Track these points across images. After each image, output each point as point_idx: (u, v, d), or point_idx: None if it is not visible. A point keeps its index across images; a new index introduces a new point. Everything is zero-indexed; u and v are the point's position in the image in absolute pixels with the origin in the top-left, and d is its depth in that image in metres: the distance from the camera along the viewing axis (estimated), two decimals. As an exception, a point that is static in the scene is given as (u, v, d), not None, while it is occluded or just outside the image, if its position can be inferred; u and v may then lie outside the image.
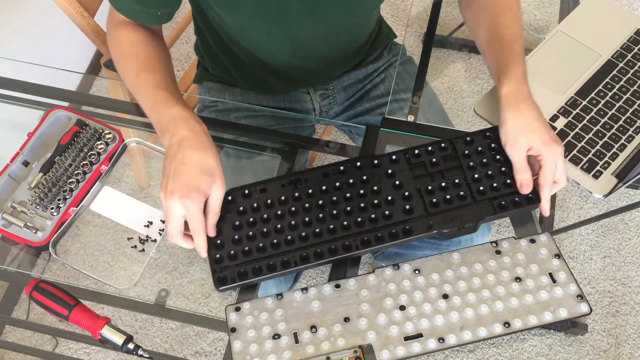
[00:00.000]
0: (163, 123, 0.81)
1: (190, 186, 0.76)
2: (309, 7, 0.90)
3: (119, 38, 0.91)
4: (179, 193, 0.76)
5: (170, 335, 1.53)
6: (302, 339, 0.76)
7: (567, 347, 1.48)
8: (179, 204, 0.76)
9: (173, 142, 0.79)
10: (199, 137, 0.80)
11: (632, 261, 1.60)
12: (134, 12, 0.88)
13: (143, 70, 0.87)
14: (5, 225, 0.91)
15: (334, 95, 1.16)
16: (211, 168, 0.79)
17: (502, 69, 0.87)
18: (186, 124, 0.80)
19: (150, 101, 0.84)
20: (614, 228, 1.65)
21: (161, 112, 0.82)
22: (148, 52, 0.90)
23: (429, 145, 0.87)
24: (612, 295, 1.56)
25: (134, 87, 0.88)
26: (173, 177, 0.77)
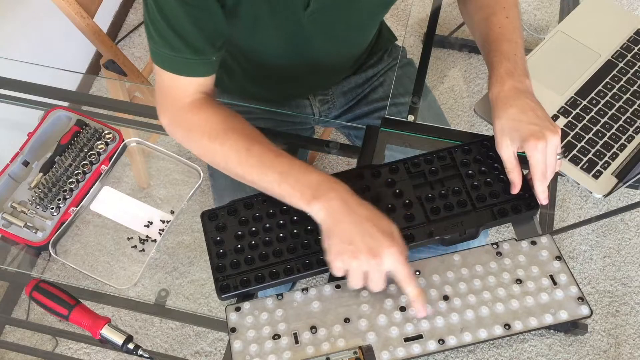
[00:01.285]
0: (308, 189, 0.76)
1: (389, 235, 0.73)
2: (318, 25, 0.90)
3: (204, 121, 0.84)
4: (385, 246, 0.72)
5: (170, 335, 1.53)
6: (302, 339, 0.76)
7: (567, 347, 1.48)
8: (388, 257, 0.72)
9: (335, 205, 0.74)
10: (356, 196, 0.77)
11: (632, 261, 1.60)
12: (191, 68, 0.82)
13: (253, 145, 0.81)
14: (5, 225, 0.91)
15: (334, 100, 1.16)
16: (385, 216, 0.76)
17: (489, 72, 0.88)
18: (339, 185, 0.77)
19: (277, 173, 0.78)
20: (614, 228, 1.65)
21: (300, 179, 0.77)
22: (244, 126, 0.85)
23: (427, 155, 0.88)
24: (612, 295, 1.56)
25: (247, 164, 0.81)
26: (363, 236, 0.72)
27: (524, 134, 0.80)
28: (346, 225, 0.73)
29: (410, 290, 0.74)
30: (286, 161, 0.79)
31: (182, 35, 0.79)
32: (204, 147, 0.84)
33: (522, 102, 0.82)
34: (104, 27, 1.87)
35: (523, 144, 0.80)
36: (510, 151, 0.82)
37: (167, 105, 0.86)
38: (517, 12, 0.92)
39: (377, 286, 0.74)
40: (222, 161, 0.83)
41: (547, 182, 0.82)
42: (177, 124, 0.86)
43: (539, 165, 0.80)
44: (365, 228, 0.73)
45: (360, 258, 0.72)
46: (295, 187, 0.77)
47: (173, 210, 0.94)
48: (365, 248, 0.72)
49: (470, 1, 0.97)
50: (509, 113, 0.82)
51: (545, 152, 0.80)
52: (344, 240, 0.73)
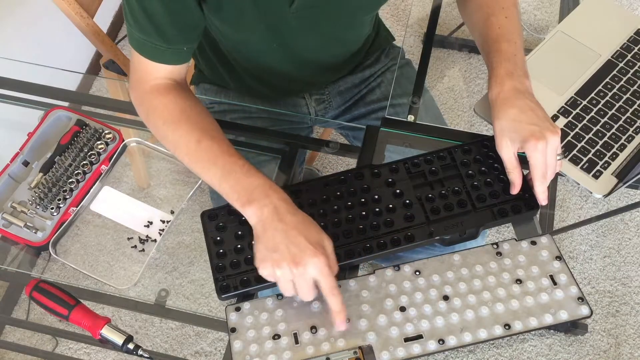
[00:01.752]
0: (244, 192, 0.76)
1: (315, 244, 0.72)
2: (307, 23, 0.90)
3: (163, 106, 0.85)
4: (308, 255, 0.71)
5: (170, 335, 1.53)
6: (302, 339, 0.76)
7: (567, 347, 1.48)
8: (311, 266, 0.71)
9: (266, 211, 0.74)
10: (290, 204, 0.76)
11: (632, 261, 1.60)
12: (160, 53, 0.83)
13: (204, 137, 0.82)
14: (5, 225, 0.91)
15: (330, 99, 1.16)
16: (317, 226, 0.76)
17: (489, 73, 0.87)
18: (274, 192, 0.76)
19: (220, 170, 0.79)
20: (614, 228, 1.65)
21: (240, 181, 0.77)
22: (202, 117, 0.85)
23: (427, 155, 0.88)
24: (612, 295, 1.56)
25: (195, 155, 0.82)
26: (287, 244, 0.72)
27: (524, 135, 0.80)
28: (273, 232, 0.73)
29: (332, 302, 0.73)
30: (231, 160, 0.79)
31: (154, 22, 0.80)
32: (159, 130, 0.86)
33: (522, 102, 0.82)
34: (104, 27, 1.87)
35: (523, 145, 0.80)
36: (510, 152, 0.82)
37: (135, 83, 0.88)
38: (517, 12, 0.92)
39: (305, 295, 0.73)
40: (172, 148, 0.85)
41: (546, 183, 0.82)
42: (141, 103, 0.88)
43: (539, 166, 0.80)
44: (291, 237, 0.72)
45: (282, 266, 0.72)
46: (234, 188, 0.77)
47: (173, 210, 0.94)
48: (289, 256, 0.71)
49: (470, 1, 0.97)
50: (509, 113, 0.82)
51: (546, 152, 0.80)
52: (269, 247, 0.73)
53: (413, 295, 0.79)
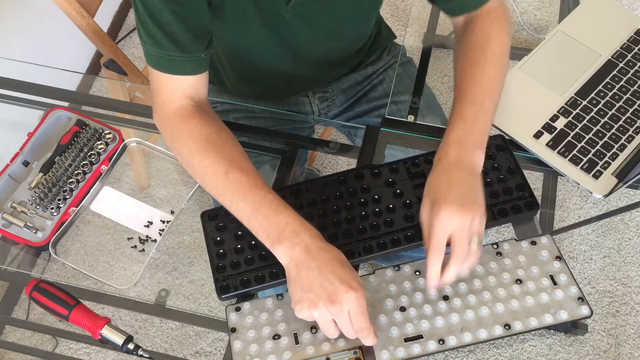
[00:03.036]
0: (274, 231, 0.74)
1: (348, 281, 0.70)
2: (304, 20, 0.90)
3: (188, 132, 0.82)
4: (343, 292, 0.69)
5: (170, 335, 1.53)
6: (302, 339, 0.76)
7: (567, 347, 1.48)
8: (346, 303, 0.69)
9: (297, 251, 0.72)
10: (321, 240, 0.74)
11: (632, 261, 1.60)
12: (177, 65, 0.81)
13: (232, 169, 0.78)
14: (5, 225, 0.91)
15: (333, 97, 1.16)
16: (347, 262, 0.74)
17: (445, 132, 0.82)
18: (305, 229, 0.74)
19: (249, 206, 0.76)
20: (614, 228, 1.65)
21: (269, 218, 0.75)
22: (229, 146, 0.82)
23: (428, 155, 0.88)
24: (612, 295, 1.56)
25: (222, 187, 0.79)
26: (322, 283, 0.70)
27: (436, 199, 0.74)
28: (306, 272, 0.71)
29: (366, 341, 0.73)
30: (260, 194, 0.76)
31: (169, 33, 0.79)
32: (184, 158, 0.83)
33: (455, 174, 0.76)
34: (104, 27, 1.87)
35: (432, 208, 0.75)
36: (427, 215, 0.75)
37: (157, 107, 0.86)
38: (498, 69, 0.85)
39: (348, 333, 0.72)
40: (199, 178, 0.82)
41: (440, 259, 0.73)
42: (164, 127, 0.86)
43: (435, 234, 0.73)
44: (325, 275, 0.71)
45: (319, 306, 0.70)
46: (262, 226, 0.75)
47: (173, 210, 0.94)
48: (324, 295, 0.70)
49: (458, 46, 0.91)
50: (437, 178, 0.77)
51: (450, 223, 0.72)
52: (304, 288, 0.71)
53: (413, 295, 0.79)
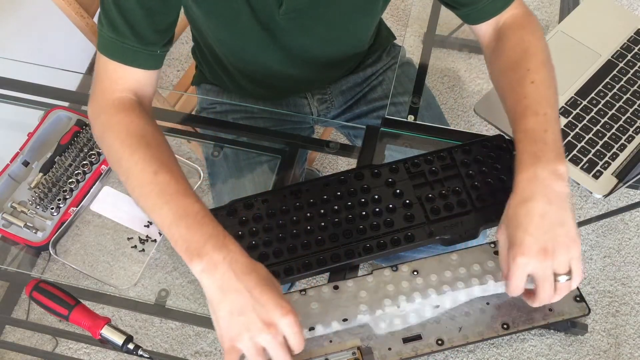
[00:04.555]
0: (196, 244, 0.67)
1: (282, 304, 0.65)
2: (297, 25, 0.90)
3: (123, 125, 0.77)
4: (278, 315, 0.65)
5: (170, 335, 1.53)
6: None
7: (567, 347, 1.48)
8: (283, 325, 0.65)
9: (220, 270, 0.66)
10: (245, 257, 0.68)
11: (632, 261, 1.60)
12: (132, 53, 0.78)
13: (162, 170, 0.72)
14: (5, 225, 0.91)
15: (332, 99, 1.16)
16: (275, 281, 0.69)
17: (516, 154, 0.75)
18: (227, 246, 0.67)
19: (173, 212, 0.69)
20: (614, 228, 1.65)
21: (192, 228, 0.68)
22: (163, 148, 0.77)
23: (428, 155, 0.88)
24: (612, 295, 1.56)
25: (148, 188, 0.72)
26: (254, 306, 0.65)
27: (514, 241, 0.69)
28: (235, 296, 0.65)
29: None
30: (186, 202, 0.70)
31: (129, 21, 0.77)
32: (113, 151, 0.77)
33: (535, 207, 0.69)
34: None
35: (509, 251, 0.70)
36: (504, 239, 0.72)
37: (96, 94, 0.81)
38: (546, 73, 0.80)
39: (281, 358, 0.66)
40: (124, 174, 0.75)
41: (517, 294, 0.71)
42: (98, 117, 0.80)
43: (513, 279, 0.70)
44: (256, 298, 0.65)
45: (252, 330, 0.64)
46: (183, 237, 0.68)
47: (173, 210, 0.94)
48: (259, 319, 0.64)
49: (495, 63, 0.86)
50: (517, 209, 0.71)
51: (526, 269, 0.69)
52: (234, 312, 0.65)
53: (411, 295, 0.79)
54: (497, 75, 0.85)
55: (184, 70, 1.55)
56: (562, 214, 0.69)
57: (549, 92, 0.78)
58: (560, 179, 0.70)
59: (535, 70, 0.79)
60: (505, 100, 0.81)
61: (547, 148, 0.72)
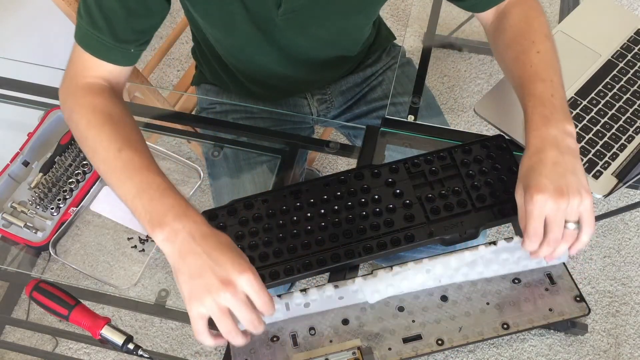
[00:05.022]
0: (157, 213, 0.69)
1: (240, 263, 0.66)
2: (295, 26, 0.90)
3: (91, 106, 0.79)
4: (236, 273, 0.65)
5: (170, 335, 1.53)
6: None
7: (567, 347, 1.48)
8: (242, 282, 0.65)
9: (180, 237, 0.68)
10: (206, 225, 0.70)
11: (632, 261, 1.60)
12: (105, 49, 0.80)
13: (126, 147, 0.75)
14: (5, 225, 0.91)
15: (332, 99, 1.16)
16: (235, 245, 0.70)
17: (524, 118, 0.79)
18: (189, 215, 0.69)
19: (136, 185, 0.72)
20: (614, 228, 1.65)
21: (154, 199, 0.70)
22: (129, 127, 0.79)
23: (427, 155, 0.88)
24: (612, 295, 1.56)
25: (112, 164, 0.75)
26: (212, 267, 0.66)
27: (529, 184, 0.72)
28: (193, 259, 0.66)
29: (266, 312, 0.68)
30: (149, 177, 0.72)
31: (107, 18, 0.78)
32: (80, 131, 0.79)
33: (550, 154, 0.73)
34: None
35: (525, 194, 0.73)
36: (521, 199, 0.74)
37: (67, 77, 0.83)
38: (550, 45, 0.85)
39: (249, 321, 0.66)
40: (90, 151, 0.78)
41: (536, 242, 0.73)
42: (67, 97, 0.82)
43: (530, 219, 0.72)
44: (214, 259, 0.66)
45: (212, 291, 0.65)
46: (145, 208, 0.70)
47: (173, 210, 0.94)
48: (217, 280, 0.65)
49: (500, 38, 0.90)
50: (532, 161, 0.74)
51: (543, 207, 0.71)
52: (193, 275, 0.66)
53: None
54: (502, 49, 0.88)
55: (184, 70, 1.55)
56: (574, 164, 0.73)
57: (554, 61, 0.83)
58: (570, 136, 0.75)
59: (540, 42, 0.83)
60: (512, 70, 0.85)
61: (556, 110, 0.76)
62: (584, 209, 0.72)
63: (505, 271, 0.80)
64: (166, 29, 1.97)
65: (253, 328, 0.67)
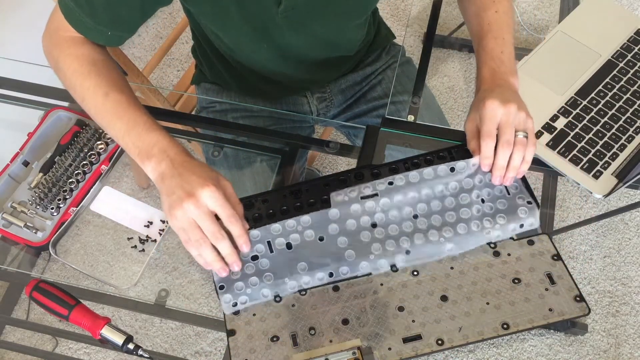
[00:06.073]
0: (145, 147, 0.77)
1: (205, 179, 0.73)
2: (294, 24, 0.90)
3: (75, 57, 0.84)
4: (199, 185, 0.72)
5: (170, 335, 1.53)
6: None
7: (567, 347, 1.48)
8: (204, 195, 0.72)
9: (163, 165, 0.76)
10: (188, 155, 0.77)
11: (632, 261, 1.60)
12: (83, 26, 0.83)
13: (112, 90, 0.81)
14: (5, 225, 0.91)
15: (331, 98, 1.16)
16: (211, 168, 0.77)
17: (476, 71, 0.88)
18: (172, 147, 0.77)
19: (125, 124, 0.79)
20: (614, 228, 1.65)
21: (141, 136, 0.78)
22: (112, 71, 0.84)
23: (427, 155, 0.88)
24: (612, 295, 1.56)
25: (102, 107, 0.81)
26: (181, 184, 0.73)
27: (477, 107, 0.81)
28: (170, 180, 0.75)
29: (233, 229, 0.75)
30: (135, 115, 0.80)
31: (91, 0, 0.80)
32: (67, 80, 0.85)
33: (496, 90, 0.82)
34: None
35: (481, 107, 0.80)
36: (472, 123, 0.83)
37: (50, 31, 0.87)
38: (509, 6, 0.92)
39: (212, 233, 0.73)
40: (79, 99, 0.84)
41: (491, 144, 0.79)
42: (51, 51, 0.87)
43: (486, 121, 0.79)
44: (184, 177, 0.74)
45: (182, 205, 0.72)
46: (135, 144, 0.78)
47: (173, 210, 0.94)
48: (183, 193, 0.72)
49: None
50: (481, 95, 0.83)
51: (495, 112, 0.78)
52: (169, 193, 0.74)
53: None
54: (466, 6, 0.97)
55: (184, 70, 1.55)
56: (517, 96, 0.82)
57: (509, 20, 0.91)
58: (513, 86, 0.84)
59: (499, 2, 0.91)
60: (471, 24, 0.95)
61: (503, 64, 0.85)
62: (529, 127, 0.80)
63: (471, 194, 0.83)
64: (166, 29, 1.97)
65: (216, 241, 0.74)
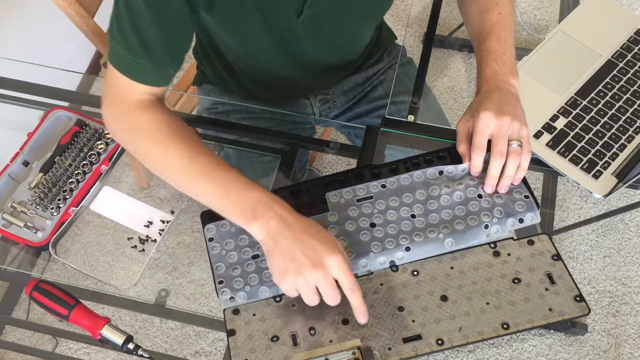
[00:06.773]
0: (248, 208, 0.74)
1: (329, 246, 0.72)
2: (312, 33, 0.91)
3: (149, 123, 0.81)
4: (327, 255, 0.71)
5: (170, 335, 1.53)
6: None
7: (567, 347, 1.48)
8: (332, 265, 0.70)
9: (273, 224, 0.73)
10: (294, 212, 0.75)
11: (632, 261, 1.60)
12: (142, 73, 0.80)
13: (198, 154, 0.78)
14: (5, 225, 0.91)
15: (334, 99, 1.16)
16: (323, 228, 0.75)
17: (477, 71, 0.89)
18: (277, 203, 0.75)
19: (221, 186, 0.76)
20: (614, 228, 1.65)
21: (241, 196, 0.75)
22: (190, 133, 0.82)
23: (427, 155, 0.88)
24: (612, 295, 1.56)
25: (190, 172, 0.78)
26: (303, 250, 0.71)
27: (475, 111, 0.81)
28: (285, 242, 0.72)
29: (353, 299, 0.73)
30: (229, 175, 0.77)
31: (144, 40, 0.77)
32: (145, 149, 0.81)
33: (494, 94, 0.83)
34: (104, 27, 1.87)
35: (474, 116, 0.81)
36: (465, 126, 0.83)
37: (113, 99, 0.83)
38: (511, 8, 0.92)
39: (332, 299, 0.72)
40: (163, 165, 0.81)
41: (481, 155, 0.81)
42: (120, 120, 0.83)
43: (476, 135, 0.80)
44: (304, 242, 0.71)
45: (304, 273, 0.71)
46: (236, 204, 0.75)
47: (173, 210, 0.94)
48: (308, 261, 0.70)
49: None
50: (478, 99, 0.84)
51: (488, 123, 0.79)
52: (286, 258, 0.72)
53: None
54: (467, 8, 0.96)
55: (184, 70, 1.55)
56: (515, 102, 0.83)
57: (511, 22, 0.91)
58: (513, 87, 0.85)
59: (502, 4, 0.91)
60: (473, 25, 0.94)
61: (505, 66, 0.86)
62: (524, 136, 0.81)
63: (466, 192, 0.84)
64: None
65: (333, 304, 0.73)
